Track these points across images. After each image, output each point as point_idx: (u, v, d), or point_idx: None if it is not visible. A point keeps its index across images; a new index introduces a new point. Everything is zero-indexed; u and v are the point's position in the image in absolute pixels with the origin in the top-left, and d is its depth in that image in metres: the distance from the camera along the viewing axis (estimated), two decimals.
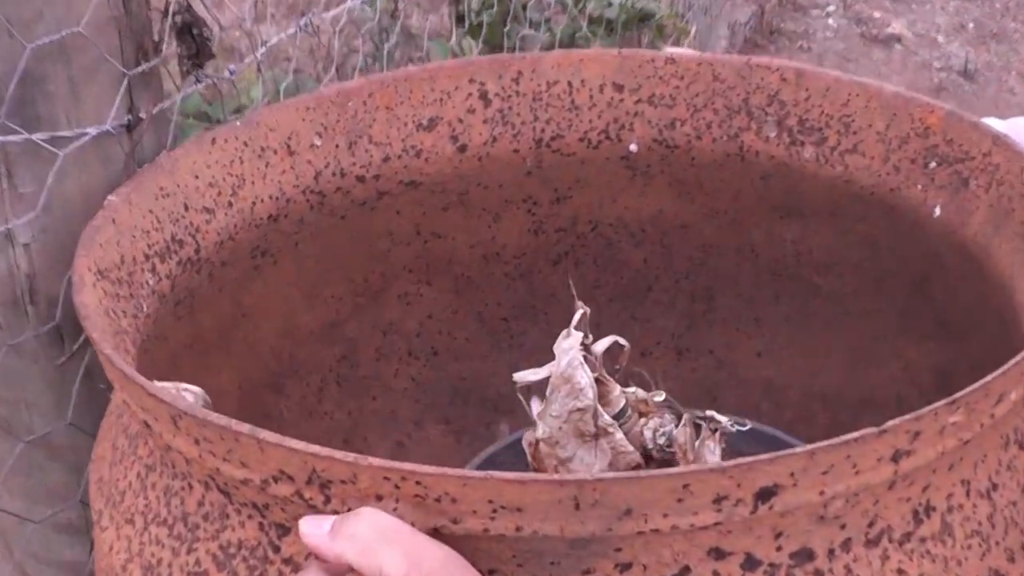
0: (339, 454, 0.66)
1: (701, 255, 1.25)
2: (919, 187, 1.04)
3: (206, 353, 1.10)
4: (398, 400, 1.28)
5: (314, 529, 0.65)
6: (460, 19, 2.41)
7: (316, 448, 0.66)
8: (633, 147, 1.19)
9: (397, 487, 0.65)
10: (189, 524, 0.77)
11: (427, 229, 1.23)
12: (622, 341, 0.91)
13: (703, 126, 1.16)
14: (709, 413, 0.89)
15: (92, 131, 0.96)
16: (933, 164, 1.03)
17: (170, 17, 0.99)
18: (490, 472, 0.64)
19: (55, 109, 0.95)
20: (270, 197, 1.10)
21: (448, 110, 1.17)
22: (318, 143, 1.13)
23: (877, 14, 4.96)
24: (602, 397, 0.89)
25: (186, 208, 1.02)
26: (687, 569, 0.67)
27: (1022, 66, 4.79)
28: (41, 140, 0.93)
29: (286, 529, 0.72)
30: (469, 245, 1.25)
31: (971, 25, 5.12)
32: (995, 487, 0.75)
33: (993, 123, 1.09)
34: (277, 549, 0.72)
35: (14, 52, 0.91)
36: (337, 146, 1.14)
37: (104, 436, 0.90)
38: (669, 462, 0.90)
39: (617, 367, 0.93)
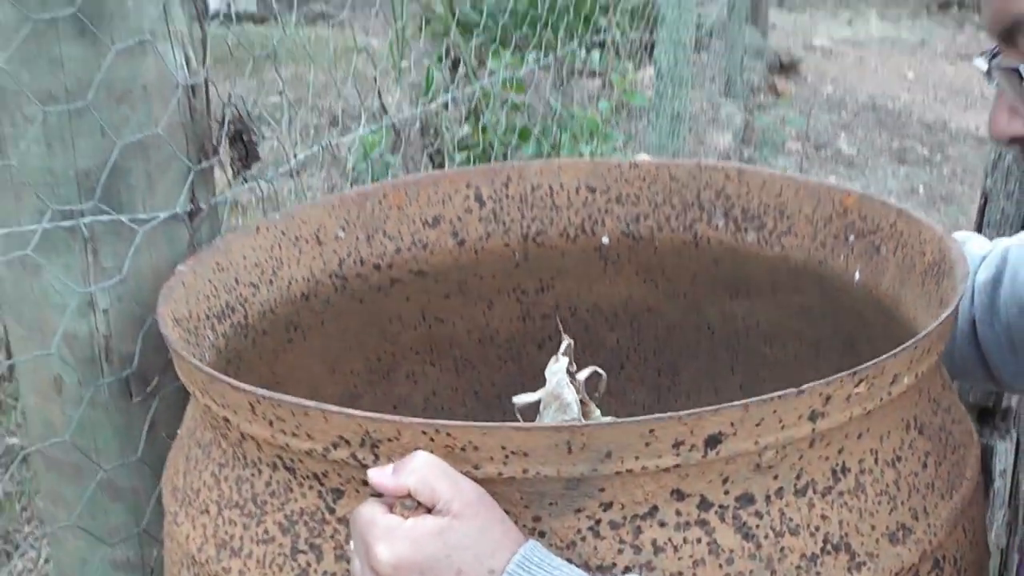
0: (386, 416, 0.86)
1: (665, 334, 1.46)
2: (842, 257, 1.27)
3: None
4: None
5: (379, 473, 0.84)
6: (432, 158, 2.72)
7: (367, 413, 0.86)
8: (605, 239, 1.41)
9: (432, 439, 0.85)
10: (258, 502, 0.95)
11: (431, 314, 1.44)
12: (600, 371, 1.11)
13: (663, 219, 1.39)
14: None
15: (163, 215, 1.18)
16: (852, 237, 1.26)
17: (225, 125, 1.21)
18: (502, 423, 0.84)
19: (134, 197, 1.17)
20: (303, 278, 1.31)
21: (449, 210, 1.40)
22: (342, 235, 1.34)
23: (832, 179, 5.26)
24: (585, 417, 1.09)
25: (236, 282, 1.23)
26: (655, 508, 0.87)
27: (970, 226, 5.08)
28: (125, 220, 1.14)
29: (341, 493, 0.91)
30: (467, 330, 1.46)
31: (921, 189, 5.44)
32: (899, 459, 0.95)
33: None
34: (332, 511, 0.91)
35: (106, 149, 1.13)
36: (357, 238, 1.35)
37: (175, 457, 1.09)
38: None
39: (596, 394, 1.13)
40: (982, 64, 0.96)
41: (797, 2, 9.92)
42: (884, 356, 0.90)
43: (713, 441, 0.85)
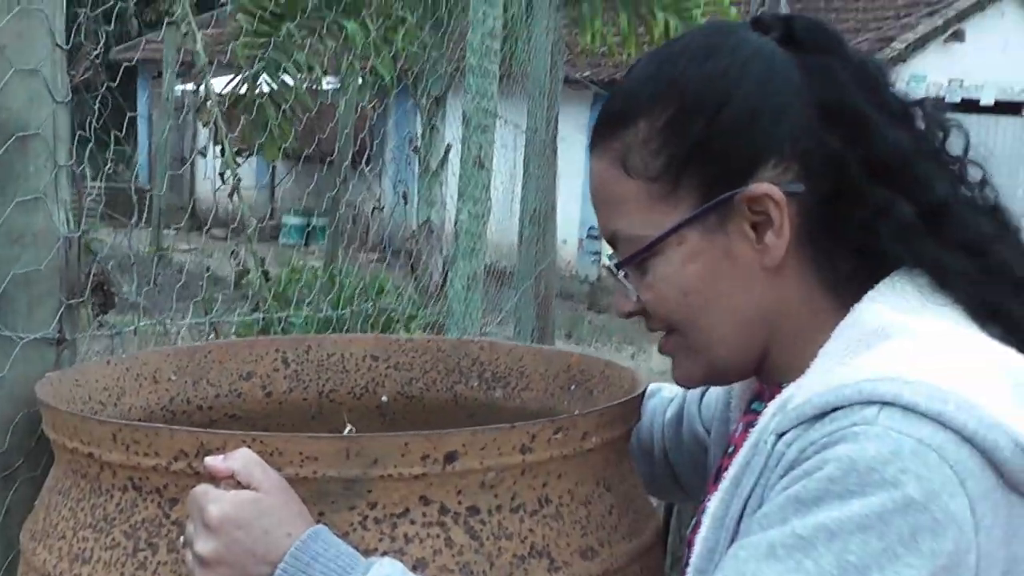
0: (216, 431, 1.19)
1: None
2: (565, 403, 1.65)
3: None
4: None
5: (212, 459, 1.16)
6: None
7: (202, 430, 1.19)
8: (384, 398, 1.77)
9: (249, 446, 1.18)
10: (108, 519, 1.25)
11: None
12: None
13: (431, 382, 1.76)
14: None
15: (37, 335, 1.51)
16: (573, 387, 1.65)
17: (91, 276, 1.56)
18: (301, 434, 1.18)
19: (17, 320, 1.49)
20: (139, 407, 1.63)
21: (261, 368, 1.75)
22: (174, 378, 1.67)
23: None
24: None
25: (89, 398, 1.55)
26: (408, 510, 1.21)
27: None
28: (9, 334, 1.47)
29: (176, 501, 1.22)
30: None
31: None
32: (590, 502, 1.31)
33: None
34: (168, 516, 1.22)
35: None
36: (186, 382, 1.69)
37: (34, 513, 1.38)
38: None
39: None
40: (606, 261, 1.36)
41: (584, 335, 10.66)
42: (577, 414, 1.28)
43: (451, 457, 1.20)
